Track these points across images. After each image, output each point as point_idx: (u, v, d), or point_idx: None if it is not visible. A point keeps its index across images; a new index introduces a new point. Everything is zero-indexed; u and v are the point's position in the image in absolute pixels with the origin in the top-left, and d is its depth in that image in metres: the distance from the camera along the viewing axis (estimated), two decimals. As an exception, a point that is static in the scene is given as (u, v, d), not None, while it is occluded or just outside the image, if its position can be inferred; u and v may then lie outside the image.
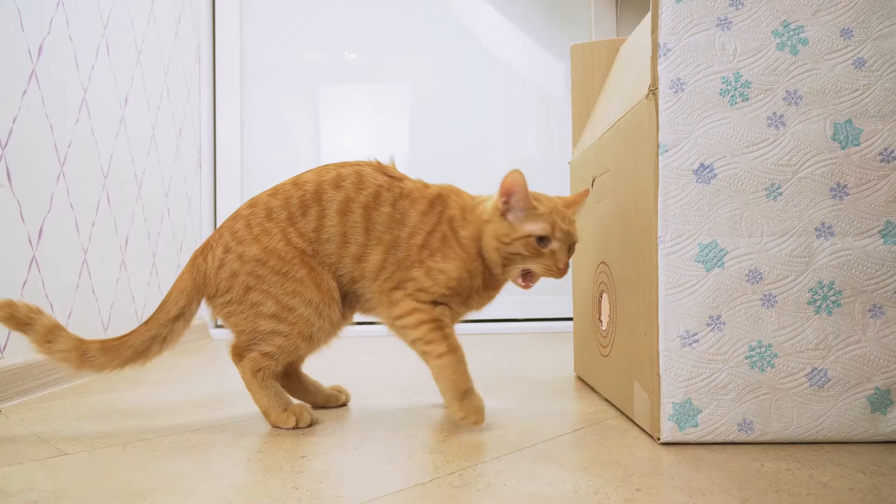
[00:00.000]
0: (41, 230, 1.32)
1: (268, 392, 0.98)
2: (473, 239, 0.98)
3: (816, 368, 0.84)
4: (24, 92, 1.27)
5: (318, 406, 1.12)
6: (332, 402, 1.13)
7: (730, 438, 0.85)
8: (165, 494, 0.70)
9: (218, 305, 0.99)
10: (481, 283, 1.01)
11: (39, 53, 1.32)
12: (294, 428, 0.97)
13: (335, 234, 0.97)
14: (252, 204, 1.01)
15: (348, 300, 1.02)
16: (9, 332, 1.20)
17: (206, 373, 1.54)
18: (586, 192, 1.04)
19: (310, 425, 0.99)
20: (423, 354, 0.97)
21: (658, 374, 0.85)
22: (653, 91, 0.87)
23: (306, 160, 2.47)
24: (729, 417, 0.84)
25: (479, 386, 0.97)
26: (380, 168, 1.02)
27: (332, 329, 1.00)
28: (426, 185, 1.03)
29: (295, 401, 1.03)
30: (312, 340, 0.98)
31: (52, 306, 1.34)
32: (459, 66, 2.52)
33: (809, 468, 0.76)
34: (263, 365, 0.97)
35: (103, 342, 0.95)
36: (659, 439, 0.86)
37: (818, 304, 0.84)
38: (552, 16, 2.55)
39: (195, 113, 2.26)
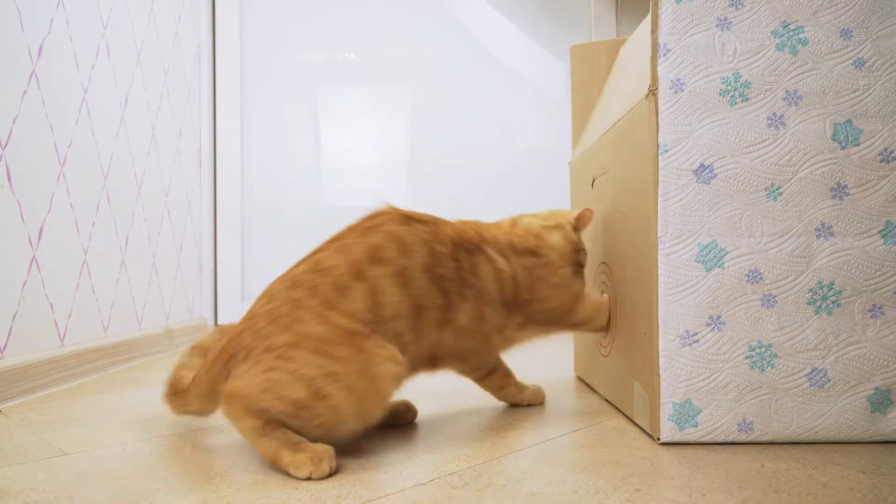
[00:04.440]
0: (41, 230, 1.32)
1: None
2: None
3: (816, 368, 0.84)
4: (24, 92, 1.27)
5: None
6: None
7: (730, 438, 0.85)
8: (165, 494, 0.70)
9: None
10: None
11: (39, 53, 1.32)
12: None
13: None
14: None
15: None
16: (9, 332, 1.20)
17: (206, 373, 1.54)
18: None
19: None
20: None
21: (658, 374, 0.85)
22: (653, 91, 0.87)
23: (306, 160, 2.47)
24: (729, 417, 0.84)
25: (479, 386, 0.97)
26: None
27: None
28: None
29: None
30: None
31: (52, 306, 1.34)
32: (459, 66, 2.52)
33: (809, 468, 0.76)
34: None
35: None
36: (659, 439, 0.86)
37: (818, 304, 0.84)
38: (552, 16, 2.55)
39: (195, 113, 2.26)
